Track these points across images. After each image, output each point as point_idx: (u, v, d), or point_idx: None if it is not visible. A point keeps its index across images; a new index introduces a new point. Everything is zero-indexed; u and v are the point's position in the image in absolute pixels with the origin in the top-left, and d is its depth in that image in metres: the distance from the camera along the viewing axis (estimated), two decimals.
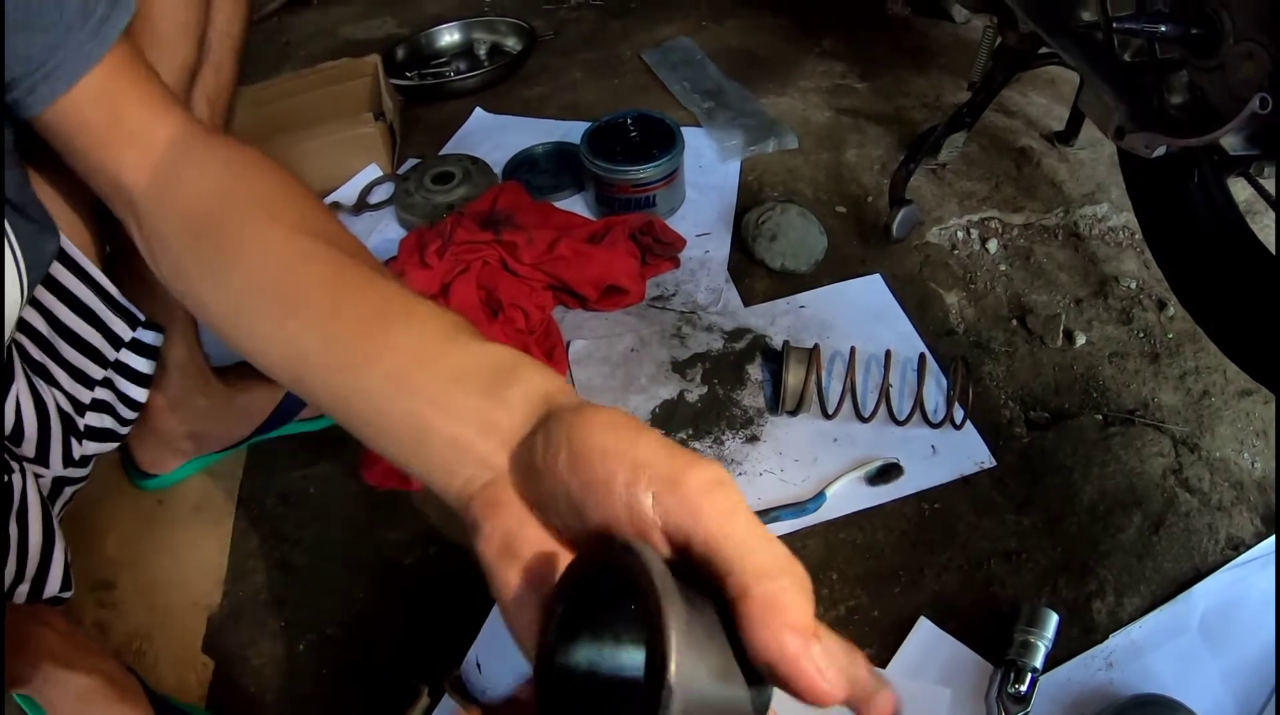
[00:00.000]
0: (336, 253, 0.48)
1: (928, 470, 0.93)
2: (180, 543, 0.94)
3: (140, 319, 0.73)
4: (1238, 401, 1.00)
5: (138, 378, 0.75)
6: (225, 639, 0.88)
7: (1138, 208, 1.03)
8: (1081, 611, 0.85)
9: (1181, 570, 0.88)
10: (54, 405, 0.68)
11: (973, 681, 0.81)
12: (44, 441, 0.67)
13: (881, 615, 0.85)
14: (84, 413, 0.72)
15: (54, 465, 0.69)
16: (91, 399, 0.72)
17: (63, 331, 0.68)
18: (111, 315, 0.71)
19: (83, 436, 0.72)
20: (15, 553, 0.62)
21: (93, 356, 0.71)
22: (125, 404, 0.75)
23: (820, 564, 0.88)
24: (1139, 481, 0.93)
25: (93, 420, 0.73)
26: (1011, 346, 1.05)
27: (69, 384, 0.70)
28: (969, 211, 1.18)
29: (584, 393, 1.03)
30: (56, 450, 0.69)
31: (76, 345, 0.69)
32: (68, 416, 0.70)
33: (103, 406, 0.73)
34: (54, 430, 0.68)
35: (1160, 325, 1.07)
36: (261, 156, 0.55)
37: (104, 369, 0.72)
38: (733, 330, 1.06)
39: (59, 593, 0.66)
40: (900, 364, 1.00)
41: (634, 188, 1.16)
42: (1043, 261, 1.13)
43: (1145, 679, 0.81)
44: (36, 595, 0.64)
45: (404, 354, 0.42)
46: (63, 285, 0.67)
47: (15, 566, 0.62)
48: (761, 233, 1.11)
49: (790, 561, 0.31)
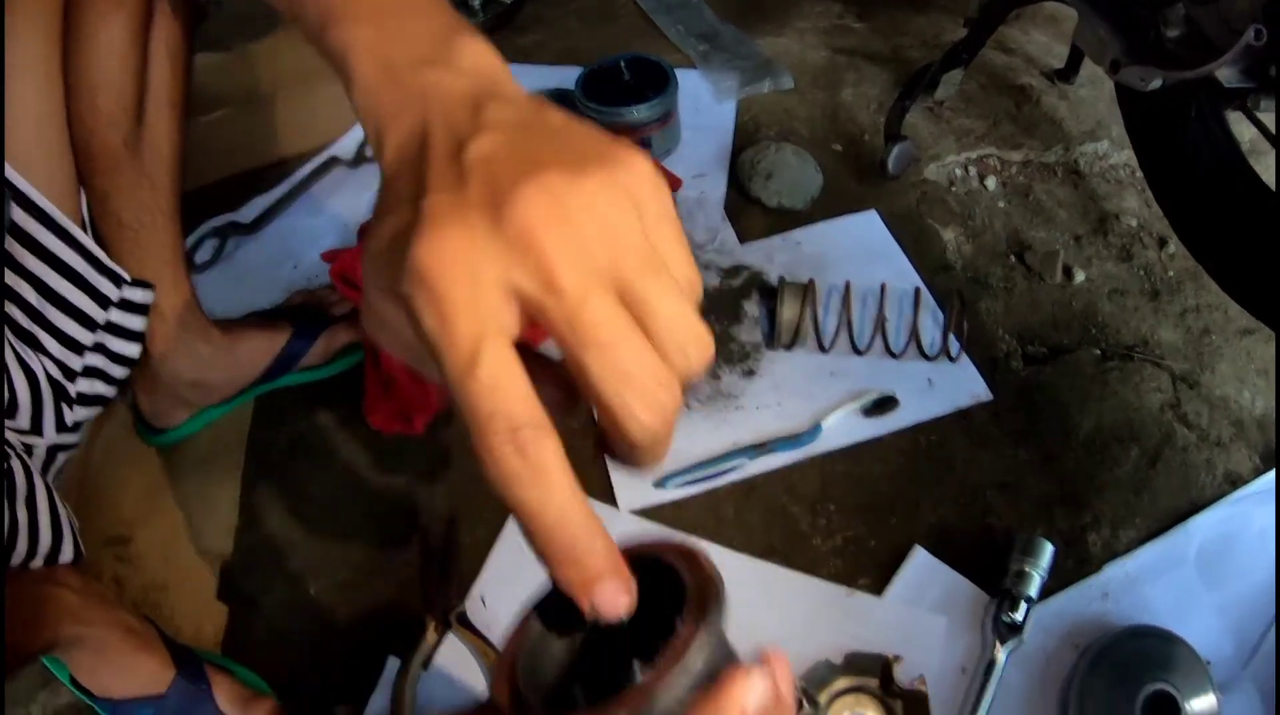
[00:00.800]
0: None
1: (924, 403, 0.91)
2: (192, 495, 0.95)
3: (125, 278, 0.71)
4: (1239, 340, 0.98)
5: (129, 335, 0.74)
6: (239, 586, 0.88)
7: (1136, 144, 1.01)
8: (1077, 543, 0.84)
9: (1178, 504, 0.87)
10: (43, 374, 0.68)
11: (969, 610, 0.80)
12: (37, 411, 0.67)
13: (878, 545, 0.84)
14: (75, 379, 0.71)
15: (47, 434, 0.68)
16: (83, 366, 0.71)
17: (50, 296, 0.67)
18: (97, 275, 0.70)
19: (74, 402, 0.71)
20: (26, 535, 0.62)
21: (82, 321, 0.70)
22: (118, 363, 0.75)
23: (817, 495, 0.87)
24: (1136, 416, 0.92)
25: (84, 386, 0.72)
26: (1009, 282, 1.03)
27: (59, 351, 0.69)
28: (967, 149, 1.16)
29: None
30: (50, 419, 0.68)
31: (65, 309, 0.68)
32: (58, 384, 0.69)
33: (94, 372, 0.72)
34: (45, 399, 0.67)
35: (1161, 263, 1.06)
36: None
37: (93, 333, 0.71)
38: (729, 267, 1.05)
39: (73, 560, 0.67)
40: (896, 299, 0.98)
41: (629, 130, 1.14)
42: (1042, 198, 1.11)
43: (1141, 610, 0.81)
44: (51, 565, 0.65)
45: None
46: (46, 248, 0.66)
47: (27, 547, 0.62)
48: (757, 171, 1.09)
49: None
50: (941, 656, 0.78)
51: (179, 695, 0.73)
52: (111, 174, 0.73)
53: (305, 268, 1.12)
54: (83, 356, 0.71)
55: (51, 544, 0.65)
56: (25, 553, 0.62)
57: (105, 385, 0.74)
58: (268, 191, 1.19)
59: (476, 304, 0.26)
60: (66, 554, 0.66)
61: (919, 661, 0.77)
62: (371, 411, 0.94)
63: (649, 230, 0.28)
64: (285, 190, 1.19)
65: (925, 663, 0.77)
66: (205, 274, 1.11)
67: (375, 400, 0.94)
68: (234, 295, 1.04)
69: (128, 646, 0.74)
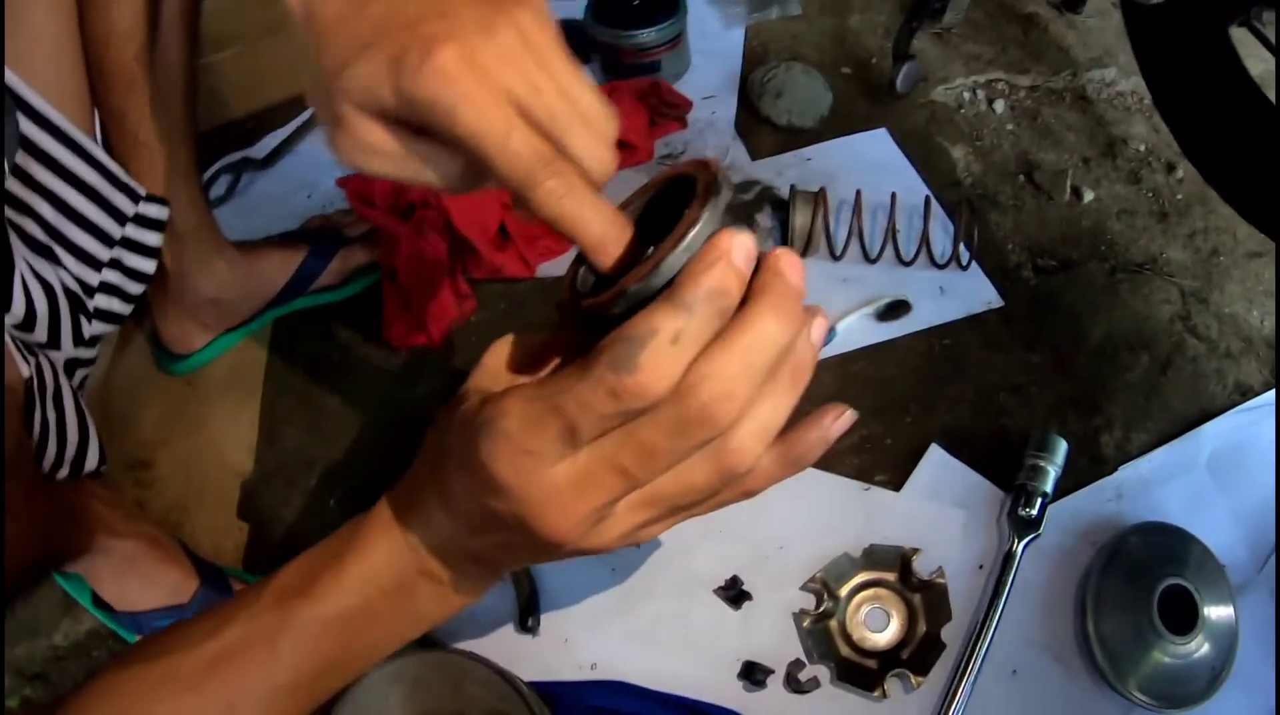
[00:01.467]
0: None
1: (937, 308, 0.91)
2: (212, 418, 0.95)
3: (140, 193, 0.72)
4: (1247, 262, 0.98)
5: (145, 251, 0.74)
6: (259, 503, 0.88)
7: (1143, 64, 1.01)
8: (1090, 444, 0.84)
9: (1189, 410, 0.87)
10: (60, 286, 0.67)
11: (984, 506, 0.80)
12: (54, 324, 0.66)
13: (894, 443, 0.83)
14: (93, 295, 0.71)
15: (65, 346, 0.68)
16: (100, 282, 0.71)
17: (67, 211, 0.67)
18: (113, 190, 0.69)
19: (91, 317, 0.71)
20: (55, 437, 0.62)
21: (98, 236, 0.70)
22: (134, 279, 0.74)
23: (833, 395, 0.86)
24: (1146, 325, 0.92)
25: (100, 302, 0.72)
26: (1019, 200, 1.03)
27: (76, 267, 0.69)
28: (975, 73, 1.15)
29: None
30: (67, 332, 0.68)
31: (82, 225, 0.68)
32: (75, 296, 0.69)
33: (111, 289, 0.72)
34: (63, 311, 0.67)
35: (1169, 187, 1.05)
36: None
37: (110, 249, 0.71)
38: (740, 182, 1.04)
39: (98, 467, 0.67)
40: (906, 210, 0.97)
41: (638, 53, 1.13)
42: (1050, 122, 1.11)
43: (1154, 512, 0.80)
44: (76, 475, 0.65)
45: None
46: (62, 164, 0.66)
47: (56, 450, 0.62)
48: (767, 90, 1.08)
49: None
50: (960, 551, 0.78)
51: (203, 604, 0.74)
52: (127, 91, 0.73)
53: (320, 196, 1.11)
54: (100, 272, 0.71)
55: (79, 445, 0.65)
56: (54, 455, 0.62)
57: (121, 302, 0.74)
58: (281, 128, 1.18)
59: (496, 96, 0.33)
60: (92, 459, 0.67)
61: (937, 555, 0.77)
62: (390, 327, 0.94)
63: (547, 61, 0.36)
64: (299, 124, 1.19)
65: (944, 556, 0.77)
66: (220, 209, 1.10)
67: (394, 315, 0.94)
68: (249, 226, 1.04)
69: (153, 558, 0.75)
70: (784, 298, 0.33)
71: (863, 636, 0.74)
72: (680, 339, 0.32)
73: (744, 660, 0.74)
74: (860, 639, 0.74)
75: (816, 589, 0.76)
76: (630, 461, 0.34)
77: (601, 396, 0.32)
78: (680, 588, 0.77)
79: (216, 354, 0.97)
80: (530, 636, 0.76)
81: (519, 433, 0.34)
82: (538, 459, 0.34)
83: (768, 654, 0.73)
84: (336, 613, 0.41)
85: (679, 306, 0.32)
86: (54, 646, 0.81)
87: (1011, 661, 0.74)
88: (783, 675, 0.73)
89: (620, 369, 0.31)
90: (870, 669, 0.73)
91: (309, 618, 0.40)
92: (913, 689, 0.72)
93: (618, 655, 0.75)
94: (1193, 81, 0.94)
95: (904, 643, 0.74)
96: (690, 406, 0.32)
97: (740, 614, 0.76)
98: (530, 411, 0.34)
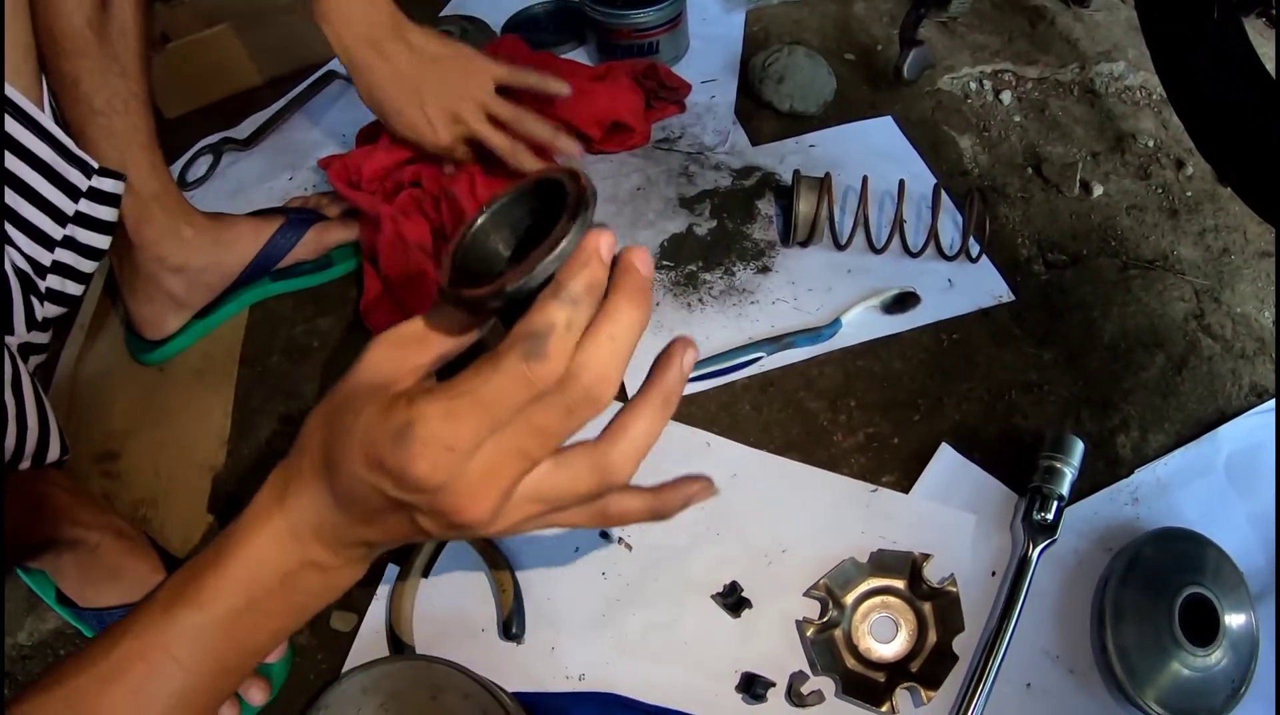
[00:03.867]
0: None
1: (945, 301, 0.87)
2: (183, 407, 0.90)
3: (94, 167, 0.68)
4: (1258, 262, 0.95)
5: (99, 226, 0.70)
6: (230, 497, 0.83)
7: (1155, 53, 0.98)
8: (1106, 445, 0.80)
9: (1206, 412, 0.83)
10: (11, 267, 0.63)
11: (997, 510, 0.76)
12: (5, 308, 0.62)
13: (901, 443, 0.79)
14: (45, 276, 0.67)
15: (18, 331, 0.64)
16: (52, 261, 0.67)
17: (20, 188, 0.63)
18: (66, 165, 0.66)
19: (44, 298, 0.68)
20: (15, 425, 0.58)
21: (51, 214, 0.66)
22: (87, 257, 0.70)
23: (838, 391, 0.82)
24: (1160, 323, 0.88)
25: (53, 283, 0.68)
26: (1027, 193, 0.99)
27: (28, 246, 0.65)
28: (981, 63, 1.12)
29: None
30: (20, 315, 0.64)
31: (34, 201, 0.64)
32: (26, 277, 0.65)
33: (64, 269, 0.68)
34: (15, 293, 0.63)
35: (1179, 183, 1.02)
36: None
37: (63, 228, 0.67)
38: (741, 168, 1.00)
39: (60, 457, 0.63)
40: (915, 200, 0.94)
41: (636, 33, 1.09)
42: (1058, 115, 1.07)
43: (1172, 516, 0.77)
44: (38, 464, 0.62)
45: None
46: (13, 138, 0.61)
47: (15, 440, 0.58)
48: (769, 75, 1.04)
49: None
50: (971, 557, 0.73)
51: None
52: (79, 57, 0.71)
53: (301, 178, 1.07)
54: (53, 252, 0.67)
55: (39, 435, 0.61)
56: (15, 445, 0.58)
57: (75, 283, 0.70)
58: (264, 108, 1.15)
59: None
60: (54, 451, 0.63)
61: (948, 561, 0.72)
62: (371, 312, 0.89)
63: None
64: (281, 105, 1.15)
65: (954, 562, 0.73)
66: (201, 189, 1.07)
67: (375, 300, 0.90)
68: (228, 207, 1.00)
69: (119, 549, 0.72)
70: (638, 290, 0.39)
71: (869, 647, 0.70)
72: (570, 328, 0.37)
73: (743, 672, 0.69)
74: (867, 650, 0.70)
75: (820, 596, 0.71)
76: (530, 444, 0.38)
77: (518, 386, 0.36)
78: (675, 594, 0.73)
79: (191, 342, 0.93)
80: (515, 645, 0.71)
81: (440, 432, 0.37)
82: (459, 454, 0.37)
83: (768, 665, 0.69)
84: (224, 613, 0.42)
85: (566, 300, 0.37)
86: (19, 645, 0.76)
87: (1025, 674, 0.69)
88: (784, 688, 0.68)
89: (533, 358, 0.36)
90: (877, 682, 0.68)
91: (197, 623, 0.42)
92: (923, 704, 0.67)
93: (608, 665, 0.70)
94: (1206, 73, 0.91)
95: (913, 654, 0.70)
96: (576, 389, 0.37)
97: (739, 622, 0.71)
98: (450, 409, 0.37)
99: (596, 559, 0.75)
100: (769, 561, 0.73)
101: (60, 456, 0.64)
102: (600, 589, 0.73)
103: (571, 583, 0.73)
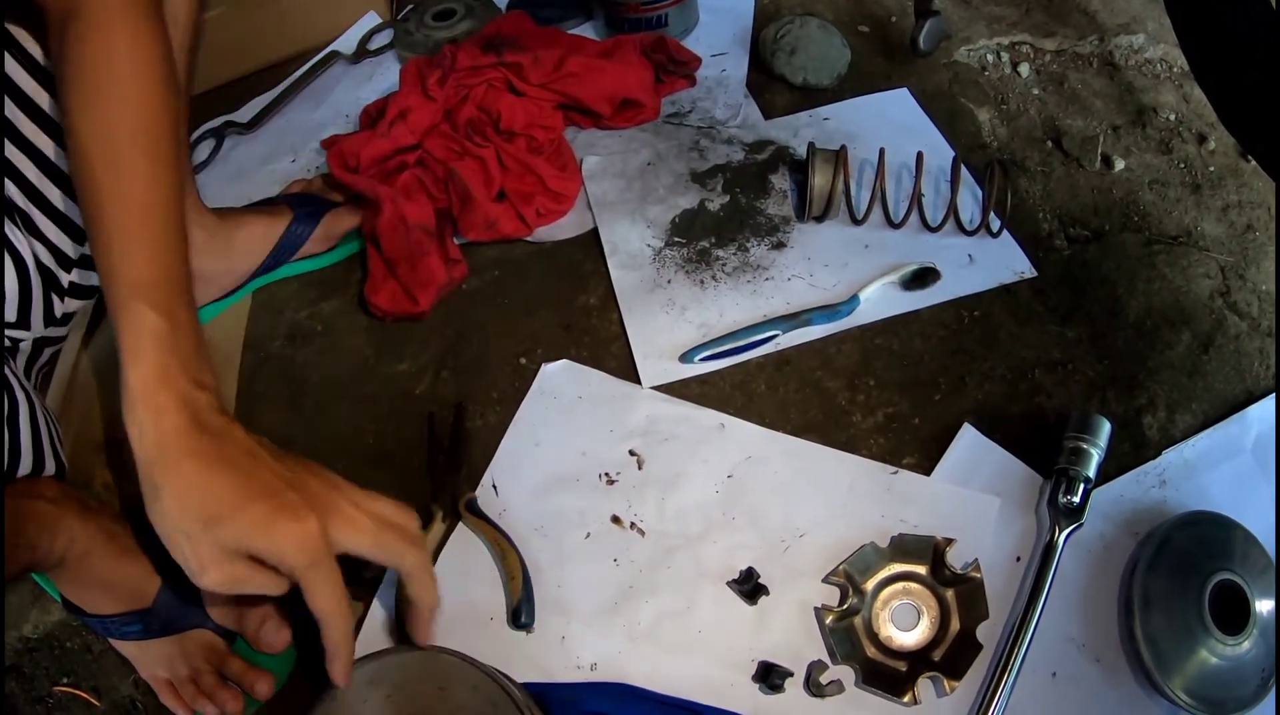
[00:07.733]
0: None
1: (965, 277, 0.84)
2: None
3: None
4: None
5: None
6: None
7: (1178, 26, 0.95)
8: (1132, 425, 0.77)
9: (1233, 391, 0.81)
10: (33, 261, 0.61)
11: (1021, 492, 0.73)
12: (25, 302, 0.60)
13: (922, 423, 0.76)
14: (70, 269, 0.65)
15: (35, 326, 0.62)
16: (80, 254, 0.65)
17: (51, 172, 0.61)
18: None
19: (65, 293, 0.65)
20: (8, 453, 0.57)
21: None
22: None
23: (856, 369, 0.80)
24: (1186, 300, 0.86)
25: (77, 277, 0.66)
26: (1047, 166, 0.96)
27: (55, 235, 0.63)
28: (999, 35, 1.08)
29: (599, 207, 0.94)
30: (38, 311, 0.62)
31: (66, 189, 0.62)
32: (49, 272, 0.63)
33: (89, 262, 0.66)
34: (35, 288, 0.61)
35: (1201, 158, 0.99)
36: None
37: None
38: (754, 142, 0.97)
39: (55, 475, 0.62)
40: (933, 173, 0.91)
41: (644, 6, 1.06)
42: (1077, 87, 1.04)
43: (1200, 499, 0.74)
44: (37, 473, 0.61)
45: None
46: (52, 119, 0.59)
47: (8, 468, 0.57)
48: (780, 47, 1.01)
49: None
50: (995, 541, 0.71)
51: (166, 606, 0.67)
52: None
53: (304, 160, 1.05)
54: (81, 244, 0.65)
55: (33, 467, 0.59)
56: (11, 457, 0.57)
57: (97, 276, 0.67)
58: (266, 92, 1.13)
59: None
60: (49, 470, 0.61)
61: (971, 546, 0.70)
62: (375, 293, 0.87)
63: None
64: (284, 88, 1.13)
65: (978, 546, 0.70)
66: (201, 174, 1.04)
67: (378, 283, 0.87)
68: (231, 191, 0.98)
69: (110, 553, 0.67)
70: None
71: (890, 635, 0.68)
72: None
73: (760, 661, 0.67)
74: (888, 638, 0.68)
75: (839, 582, 0.69)
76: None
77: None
78: (690, 581, 0.70)
79: None
80: (524, 634, 0.68)
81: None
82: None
83: (786, 654, 0.66)
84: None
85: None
86: (24, 638, 0.74)
87: (1051, 663, 0.67)
88: (802, 677, 0.66)
89: None
90: (899, 671, 0.66)
91: None
92: (945, 694, 0.65)
93: (620, 655, 0.68)
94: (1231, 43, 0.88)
95: (935, 642, 0.67)
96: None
97: (755, 610, 0.69)
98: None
99: (608, 545, 0.72)
100: (786, 547, 0.71)
101: (54, 474, 0.62)
102: (612, 576, 0.71)
103: (582, 570, 0.71)
